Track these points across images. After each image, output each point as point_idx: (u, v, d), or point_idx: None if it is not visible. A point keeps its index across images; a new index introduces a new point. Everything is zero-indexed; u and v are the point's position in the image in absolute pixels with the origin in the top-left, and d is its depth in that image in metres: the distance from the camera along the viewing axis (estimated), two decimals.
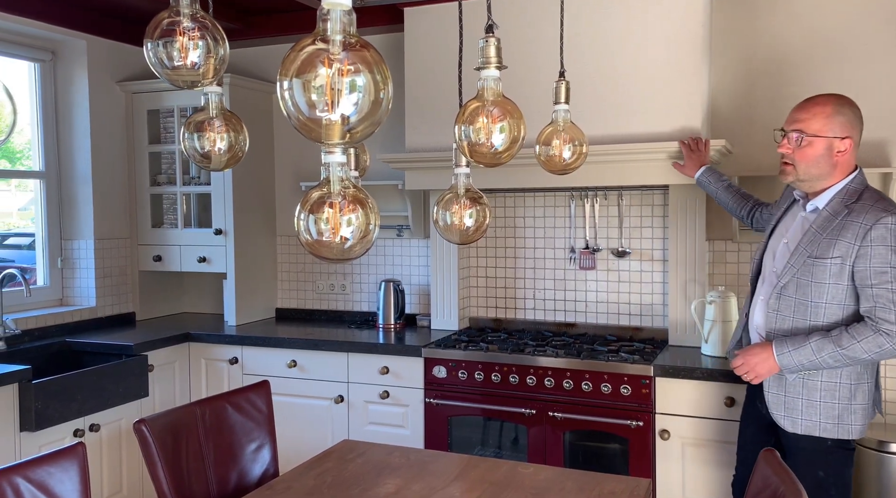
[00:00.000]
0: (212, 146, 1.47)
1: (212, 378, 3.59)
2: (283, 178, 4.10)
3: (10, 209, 5.25)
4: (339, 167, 1.00)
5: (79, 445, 1.81)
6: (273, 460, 2.37)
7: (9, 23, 3.30)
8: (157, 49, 1.10)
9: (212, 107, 1.47)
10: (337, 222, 0.99)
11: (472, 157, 1.38)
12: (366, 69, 0.82)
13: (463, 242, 1.59)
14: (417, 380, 3.20)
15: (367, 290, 3.96)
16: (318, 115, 0.83)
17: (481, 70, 1.36)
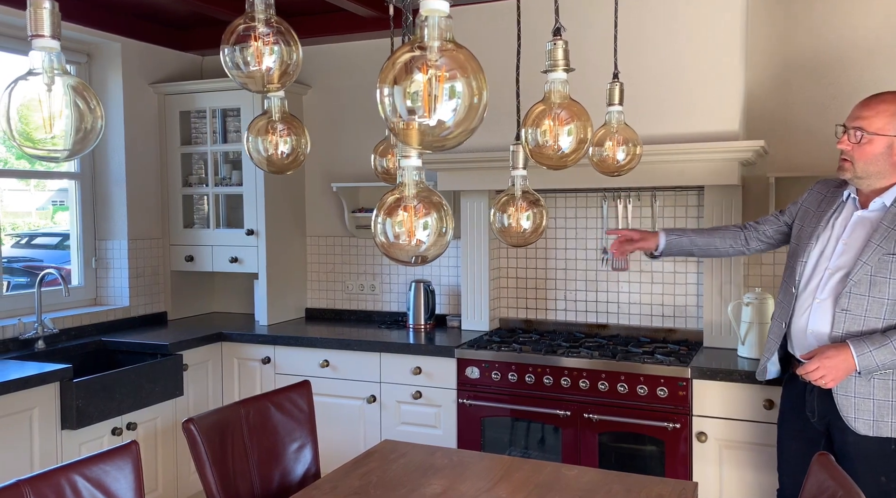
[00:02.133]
0: (274, 150, 1.48)
1: (244, 377, 3.62)
2: (314, 179, 4.12)
3: (29, 209, 5.31)
4: (415, 171, 1.01)
5: (132, 444, 1.84)
6: (314, 460, 2.39)
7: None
8: (233, 54, 1.11)
9: (275, 110, 1.49)
10: (412, 226, 1.00)
11: (536, 159, 1.39)
12: (463, 75, 0.83)
13: (519, 245, 1.59)
14: (450, 380, 3.21)
15: (397, 290, 3.97)
16: (416, 121, 0.84)
17: (549, 73, 1.37)
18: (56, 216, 6.21)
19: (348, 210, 3.91)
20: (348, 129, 4.02)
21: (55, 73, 0.96)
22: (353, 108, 3.97)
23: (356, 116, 3.97)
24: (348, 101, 3.98)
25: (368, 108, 3.93)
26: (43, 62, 0.97)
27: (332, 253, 4.11)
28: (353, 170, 3.99)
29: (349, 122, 3.99)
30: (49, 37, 0.95)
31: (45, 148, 0.97)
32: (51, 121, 0.95)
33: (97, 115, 1.01)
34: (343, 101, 4.00)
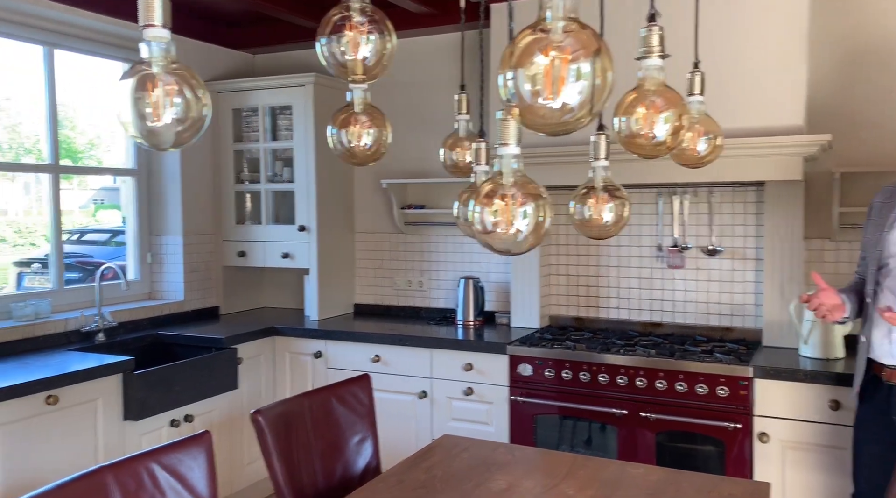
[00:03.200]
0: (357, 141, 1.49)
1: (296, 371, 3.65)
2: (362, 176, 4.14)
3: (72, 207, 5.41)
4: (514, 159, 1.00)
5: (206, 434, 1.86)
6: (375, 454, 2.40)
7: (103, 24, 3.41)
8: (329, 45, 1.12)
9: (357, 102, 1.49)
10: (510, 215, 0.99)
11: (628, 148, 1.37)
12: (589, 56, 0.81)
13: (600, 237, 1.58)
14: (502, 377, 3.19)
15: (445, 286, 3.97)
16: (539, 103, 0.83)
17: (643, 59, 1.35)
18: (98, 214, 6.35)
19: (397, 206, 3.92)
20: (397, 127, 4.03)
21: (165, 62, 0.98)
22: (403, 105, 3.98)
23: (405, 113, 3.98)
24: (398, 99, 3.99)
25: (418, 105, 3.94)
26: (152, 51, 0.99)
27: (380, 249, 4.12)
28: (402, 166, 4.00)
29: (398, 120, 4.00)
30: (160, 26, 0.97)
31: (152, 137, 0.98)
32: (159, 110, 0.96)
33: (203, 104, 1.02)
34: (392, 98, 4.01)
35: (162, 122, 0.98)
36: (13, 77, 3.34)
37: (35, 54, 3.33)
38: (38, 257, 4.83)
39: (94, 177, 3.98)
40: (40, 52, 3.34)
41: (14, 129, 3.55)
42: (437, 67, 3.90)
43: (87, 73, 3.63)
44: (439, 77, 3.90)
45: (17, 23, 3.18)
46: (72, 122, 4.08)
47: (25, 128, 3.64)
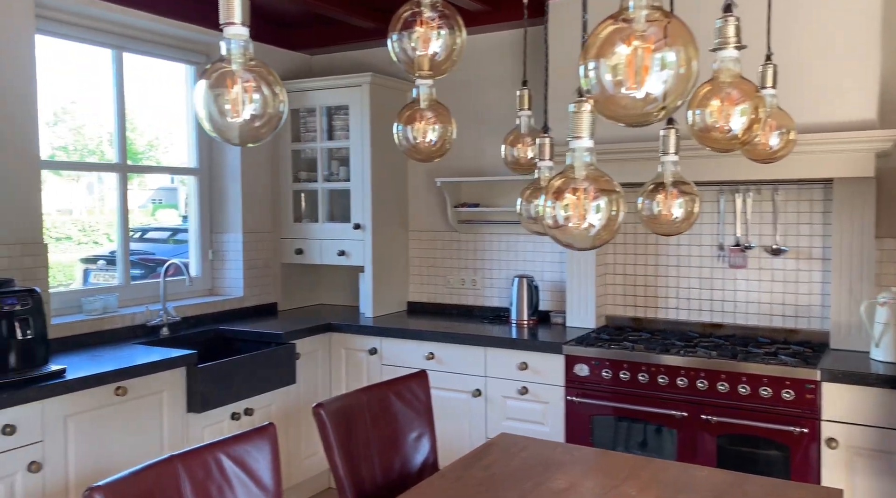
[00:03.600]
0: (422, 137, 1.50)
1: (351, 367, 3.70)
2: (416, 175, 4.17)
3: (131, 207, 5.65)
4: (586, 152, 0.99)
5: (270, 426, 1.90)
6: (432, 450, 2.41)
7: (167, 27, 3.51)
8: (401, 41, 1.13)
9: (423, 98, 1.50)
10: (582, 209, 0.97)
11: (701, 142, 1.34)
12: (674, 44, 0.80)
13: (668, 234, 1.55)
14: (558, 377, 3.17)
15: (498, 285, 3.96)
16: (622, 93, 0.82)
17: (718, 51, 1.32)
18: (157, 213, 6.56)
19: (451, 205, 3.93)
20: None
21: (243, 59, 1.00)
22: (457, 103, 3.98)
23: (460, 112, 3.98)
24: (452, 97, 4.00)
25: (472, 104, 3.94)
26: (232, 49, 1.01)
27: (433, 248, 4.14)
28: (457, 165, 4.01)
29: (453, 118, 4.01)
30: (239, 24, 0.99)
31: (230, 133, 1.00)
32: (238, 106, 0.99)
33: (280, 100, 1.04)
34: (446, 97, 4.01)
35: (241, 118, 1.01)
36: (78, 81, 3.47)
37: (104, 57, 3.46)
38: (102, 254, 5.03)
39: (153, 178, 4.11)
40: (109, 55, 3.47)
41: (79, 131, 3.68)
42: (492, 65, 3.89)
43: (146, 75, 3.74)
44: (494, 75, 3.89)
45: (87, 27, 3.31)
46: (132, 123, 4.22)
47: (89, 130, 3.78)
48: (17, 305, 2.53)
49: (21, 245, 2.89)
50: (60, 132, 3.59)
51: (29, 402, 2.39)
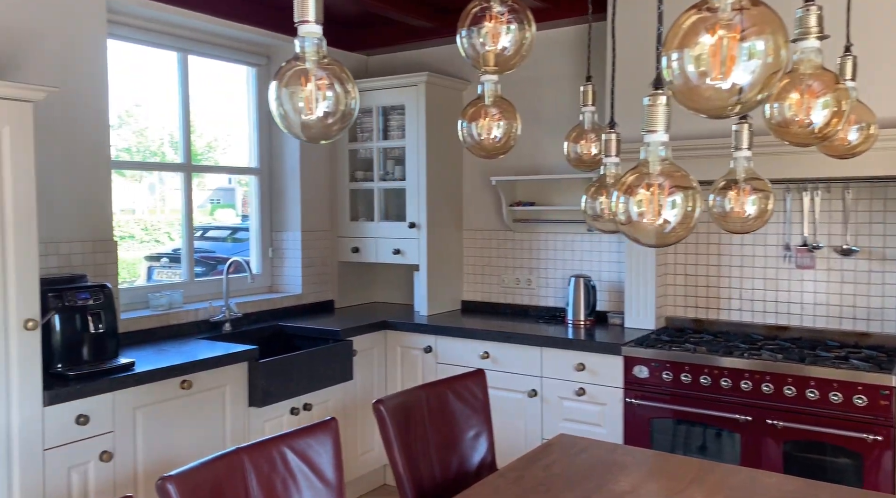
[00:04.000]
0: (486, 134, 1.49)
1: (406, 365, 3.72)
2: (471, 173, 4.16)
3: (192, 206, 5.78)
4: (661, 147, 0.96)
5: (332, 421, 1.93)
6: (490, 449, 2.40)
7: (229, 29, 3.60)
8: (470, 36, 1.12)
9: (487, 95, 1.50)
10: (658, 205, 0.95)
11: (779, 136, 1.29)
12: (762, 32, 0.77)
13: (741, 231, 1.50)
14: (616, 378, 3.12)
15: (554, 285, 3.92)
16: (707, 84, 0.79)
17: (799, 41, 1.27)
18: (215, 213, 6.74)
19: (506, 204, 3.91)
20: None
21: (317, 57, 1.01)
22: (513, 100, 3.95)
23: None
24: (507, 95, 3.96)
25: (528, 102, 3.91)
26: (306, 47, 1.03)
27: (488, 247, 4.13)
28: (512, 164, 3.99)
29: None
30: (313, 22, 1.01)
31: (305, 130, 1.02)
32: (312, 103, 1.00)
33: (352, 97, 1.05)
34: (503, 94, 4.00)
35: (314, 115, 1.02)
36: (142, 84, 3.58)
37: (167, 61, 3.57)
38: (165, 252, 5.19)
39: (212, 179, 4.23)
40: (174, 57, 3.57)
41: (141, 133, 3.80)
42: (548, 63, 3.85)
43: (205, 77, 3.84)
44: (549, 73, 3.85)
45: (155, 31, 3.41)
46: (192, 125, 4.34)
47: (151, 132, 3.90)
48: (90, 300, 2.62)
49: (93, 242, 3.01)
50: (124, 135, 3.72)
51: (101, 393, 2.48)
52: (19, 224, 2.26)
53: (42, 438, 2.32)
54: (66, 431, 2.39)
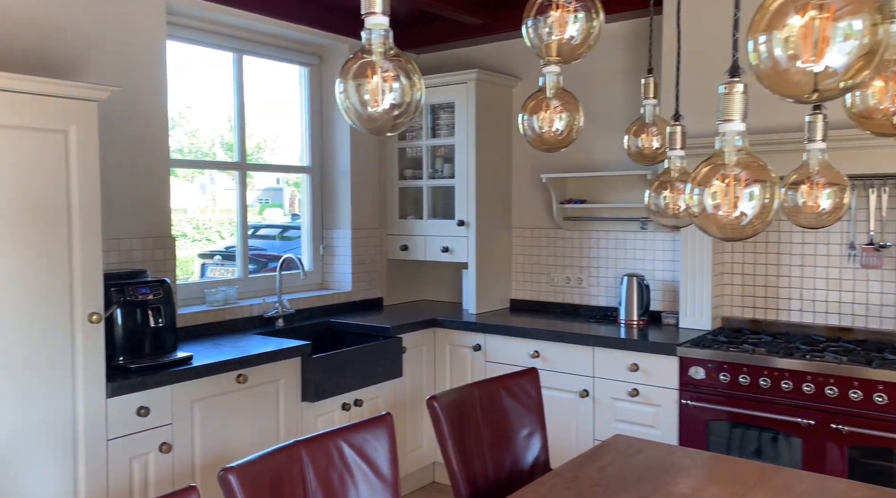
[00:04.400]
0: (548, 127, 1.47)
1: (455, 363, 3.71)
2: (521, 171, 4.13)
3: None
4: (738, 137, 0.93)
5: (388, 416, 1.93)
6: (543, 449, 2.37)
7: (283, 29, 3.64)
8: (536, 26, 1.11)
9: (549, 87, 1.47)
10: (734, 196, 0.92)
11: (860, 125, 1.24)
12: (858, 11, 0.73)
13: (815, 227, 1.45)
14: (671, 379, 3.05)
15: (605, 284, 3.86)
16: (797, 68, 0.76)
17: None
18: (264, 212, 6.86)
19: (556, 201, 3.87)
20: None
21: (384, 48, 1.01)
22: None
23: None
24: None
25: (579, 97, 3.85)
26: (373, 38, 1.03)
27: (537, 245, 4.09)
28: (562, 160, 3.95)
29: None
30: (380, 13, 1.01)
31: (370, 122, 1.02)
32: (378, 96, 1.00)
33: (417, 89, 1.05)
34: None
35: (381, 107, 1.02)
36: (192, 86, 3.65)
37: (224, 60, 3.64)
38: (218, 250, 5.31)
39: (260, 179, 4.33)
40: (230, 58, 3.64)
41: (193, 134, 3.88)
42: (600, 58, 3.80)
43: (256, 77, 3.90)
44: (602, 67, 3.80)
45: (212, 32, 3.48)
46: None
47: (203, 134, 3.98)
48: (150, 295, 2.69)
49: (152, 239, 3.08)
50: (177, 136, 3.80)
51: (161, 386, 2.54)
52: (84, 220, 2.33)
53: (105, 429, 2.39)
54: (127, 423, 2.45)
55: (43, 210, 2.23)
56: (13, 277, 2.16)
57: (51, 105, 2.24)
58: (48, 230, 2.25)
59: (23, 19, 2.66)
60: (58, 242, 2.27)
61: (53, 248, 2.26)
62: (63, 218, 2.28)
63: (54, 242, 2.26)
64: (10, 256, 2.16)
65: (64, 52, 2.78)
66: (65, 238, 2.29)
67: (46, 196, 2.24)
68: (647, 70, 1.93)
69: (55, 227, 2.26)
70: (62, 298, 2.28)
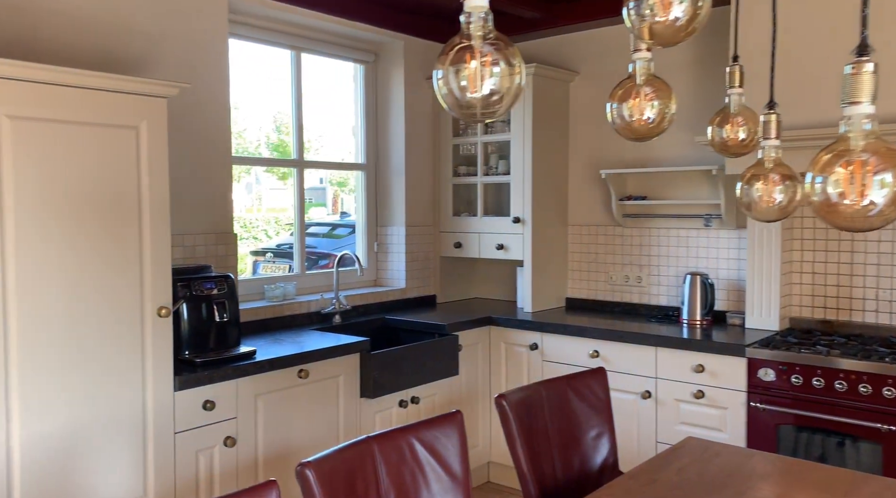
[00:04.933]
0: (639, 115, 1.42)
1: (511, 362, 3.67)
2: (577, 167, 4.06)
3: (286, 205, 5.94)
4: (866, 120, 0.86)
5: (457, 413, 1.90)
6: (612, 451, 2.31)
7: (339, 26, 3.64)
8: (639, 6, 1.06)
9: (639, 73, 1.42)
10: (861, 185, 0.85)
11: None
12: None
13: None
14: (738, 381, 2.95)
15: (666, 283, 3.76)
16: None
17: None
18: (308, 211, 6.93)
19: (616, 198, 3.79)
20: None
21: (483, 32, 0.98)
22: None
23: None
24: None
25: None
26: (471, 22, 0.99)
27: (594, 242, 4.01)
28: (621, 157, 3.86)
29: None
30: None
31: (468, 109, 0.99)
32: (476, 81, 0.96)
33: (517, 73, 1.01)
34: (610, 86, 3.88)
35: (479, 93, 0.98)
36: (240, 86, 3.67)
37: (283, 58, 3.66)
38: (269, 247, 5.37)
39: (308, 177, 4.40)
40: (288, 55, 3.66)
41: (240, 135, 3.91)
42: (664, 50, 3.70)
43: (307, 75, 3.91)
44: (668, 59, 3.69)
45: (271, 30, 3.51)
46: (287, 127, 4.45)
47: (249, 134, 4.01)
48: (215, 290, 2.72)
49: (215, 234, 3.12)
50: None
51: (226, 380, 2.56)
52: (154, 215, 2.36)
53: (173, 422, 2.41)
54: (194, 416, 2.47)
55: (115, 206, 2.26)
56: (86, 271, 2.20)
57: (122, 102, 2.27)
58: (120, 225, 2.28)
59: (90, 18, 2.71)
60: (129, 237, 2.30)
61: (125, 242, 2.29)
62: (134, 213, 2.31)
63: (125, 237, 2.29)
64: (84, 250, 2.19)
65: (130, 51, 2.83)
66: (136, 233, 2.32)
67: (118, 192, 2.27)
68: (733, 58, 1.86)
69: (126, 222, 2.30)
70: (133, 293, 2.31)
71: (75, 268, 2.17)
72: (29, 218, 2.07)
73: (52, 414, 2.13)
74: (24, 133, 2.06)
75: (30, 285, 2.08)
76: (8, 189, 2.03)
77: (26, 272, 2.07)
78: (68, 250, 2.16)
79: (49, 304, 2.12)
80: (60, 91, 2.13)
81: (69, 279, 2.16)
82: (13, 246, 2.04)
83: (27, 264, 2.07)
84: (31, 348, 2.08)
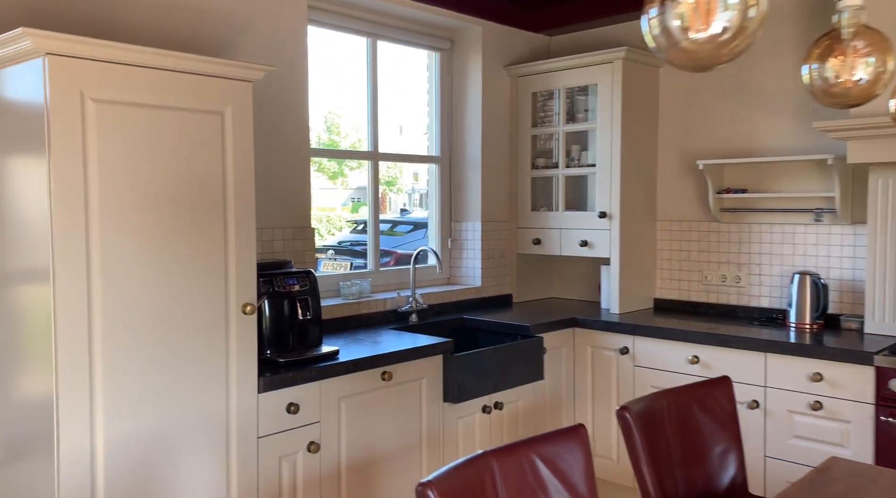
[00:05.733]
0: (848, 75, 1.17)
1: (599, 366, 3.43)
2: (667, 159, 3.79)
3: (335, 204, 5.79)
4: None
5: (580, 428, 1.69)
6: (740, 469, 2.07)
7: (416, 11, 3.45)
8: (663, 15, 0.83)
9: (846, 25, 1.17)
10: None
11: None
12: None
13: None
14: (864, 392, 2.65)
15: (769, 283, 3.47)
16: None
17: None
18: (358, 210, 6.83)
19: (713, 191, 3.51)
20: (710, 104, 3.61)
21: None
22: (721, 76, 3.55)
23: (724, 86, 3.55)
24: (711, 73, 3.57)
25: (739, 76, 3.47)
26: None
27: (687, 239, 3.74)
28: (717, 147, 3.58)
29: (711, 97, 3.58)
30: None
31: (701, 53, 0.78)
32: (702, 16, 0.75)
33: (751, 5, 0.79)
34: (705, 73, 3.60)
35: (705, 33, 0.77)
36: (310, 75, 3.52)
37: (359, 45, 3.50)
38: (330, 244, 5.25)
39: (354, 179, 4.25)
40: (364, 43, 3.50)
41: None
42: (766, 32, 3.41)
43: (386, 66, 3.74)
44: (767, 42, 3.41)
45: (348, 16, 3.35)
46: (338, 127, 4.29)
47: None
48: (297, 286, 2.56)
49: (293, 229, 2.97)
50: None
51: (309, 381, 2.40)
52: (240, 205, 2.22)
53: (257, 426, 2.27)
54: (277, 420, 2.32)
55: (199, 197, 2.13)
56: (171, 265, 2.06)
57: (207, 85, 2.13)
58: (204, 218, 2.14)
59: (171, 1, 2.59)
60: (214, 229, 2.16)
61: (209, 235, 2.15)
62: (219, 204, 2.17)
63: (210, 230, 2.15)
64: (168, 244, 2.06)
65: (211, 36, 2.70)
66: (220, 224, 2.18)
67: (203, 182, 2.13)
68: None
69: (212, 213, 2.16)
70: (217, 288, 2.17)
71: (160, 263, 2.04)
72: (114, 210, 1.95)
73: (137, 415, 2.00)
74: (109, 119, 1.93)
75: (115, 281, 1.95)
76: (93, 179, 1.91)
77: (112, 268, 1.94)
78: (153, 245, 2.03)
79: (135, 300, 1.99)
80: (145, 73, 2.00)
81: (154, 274, 2.03)
82: (98, 243, 1.92)
83: (112, 260, 1.94)
84: (117, 347, 1.96)
